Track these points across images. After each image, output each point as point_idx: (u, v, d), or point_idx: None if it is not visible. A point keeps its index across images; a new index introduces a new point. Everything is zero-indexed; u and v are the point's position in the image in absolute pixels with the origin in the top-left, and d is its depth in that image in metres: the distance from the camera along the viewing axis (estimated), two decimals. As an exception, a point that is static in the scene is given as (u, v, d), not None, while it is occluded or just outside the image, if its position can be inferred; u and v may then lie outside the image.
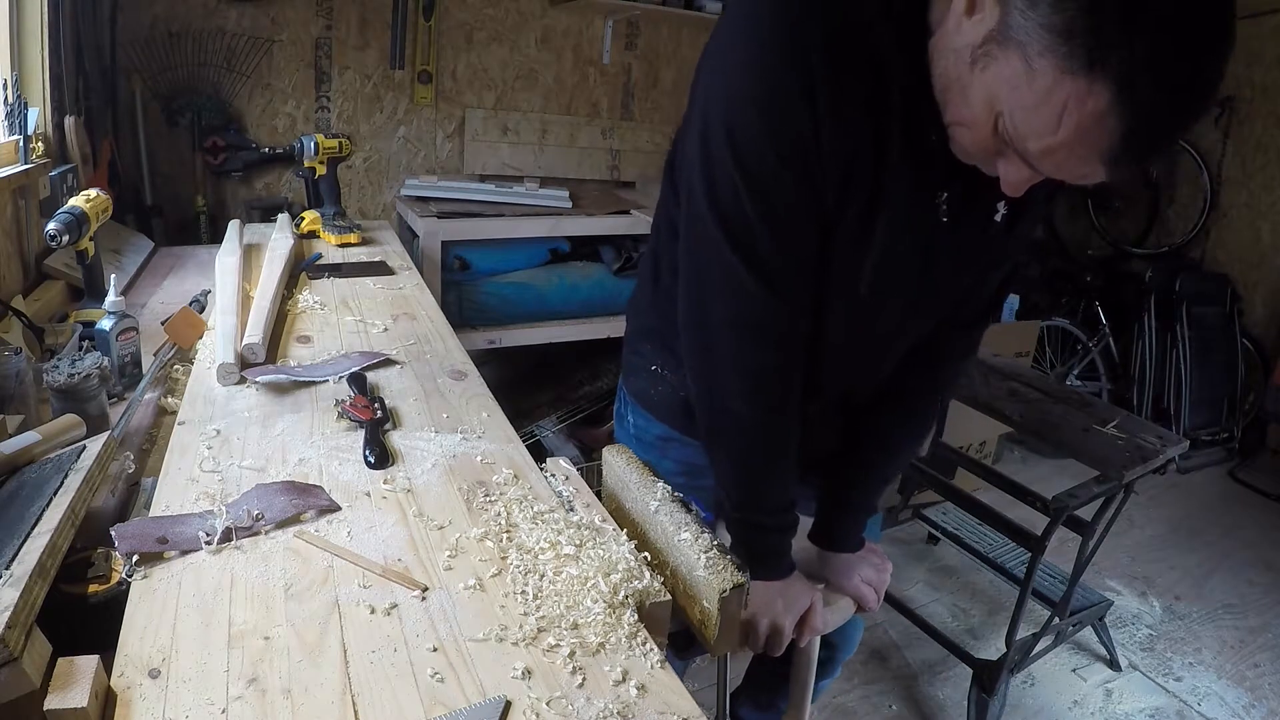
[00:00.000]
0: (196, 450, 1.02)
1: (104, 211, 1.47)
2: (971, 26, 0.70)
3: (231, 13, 2.58)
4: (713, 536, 0.88)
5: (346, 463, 1.02)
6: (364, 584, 0.79)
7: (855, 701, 2.08)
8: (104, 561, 0.81)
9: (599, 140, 3.30)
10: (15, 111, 1.62)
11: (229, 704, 0.64)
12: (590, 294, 2.76)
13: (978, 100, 0.71)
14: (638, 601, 0.80)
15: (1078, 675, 2.22)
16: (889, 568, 1.13)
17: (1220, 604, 2.60)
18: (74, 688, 0.61)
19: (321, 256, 1.92)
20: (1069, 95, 0.64)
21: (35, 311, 1.45)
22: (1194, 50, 0.62)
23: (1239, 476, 3.45)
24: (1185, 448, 1.96)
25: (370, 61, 2.83)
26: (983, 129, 0.73)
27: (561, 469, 1.04)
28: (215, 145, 2.62)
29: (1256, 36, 3.49)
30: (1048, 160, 0.70)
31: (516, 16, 3.02)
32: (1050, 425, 1.96)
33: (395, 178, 2.99)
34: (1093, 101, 0.63)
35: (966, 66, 0.71)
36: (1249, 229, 3.65)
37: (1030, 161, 0.71)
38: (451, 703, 0.66)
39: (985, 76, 0.70)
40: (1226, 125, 3.62)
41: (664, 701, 0.69)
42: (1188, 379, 3.51)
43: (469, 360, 1.39)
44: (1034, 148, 0.69)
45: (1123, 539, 2.85)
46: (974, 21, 0.70)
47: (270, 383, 1.20)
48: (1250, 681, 2.25)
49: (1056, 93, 0.64)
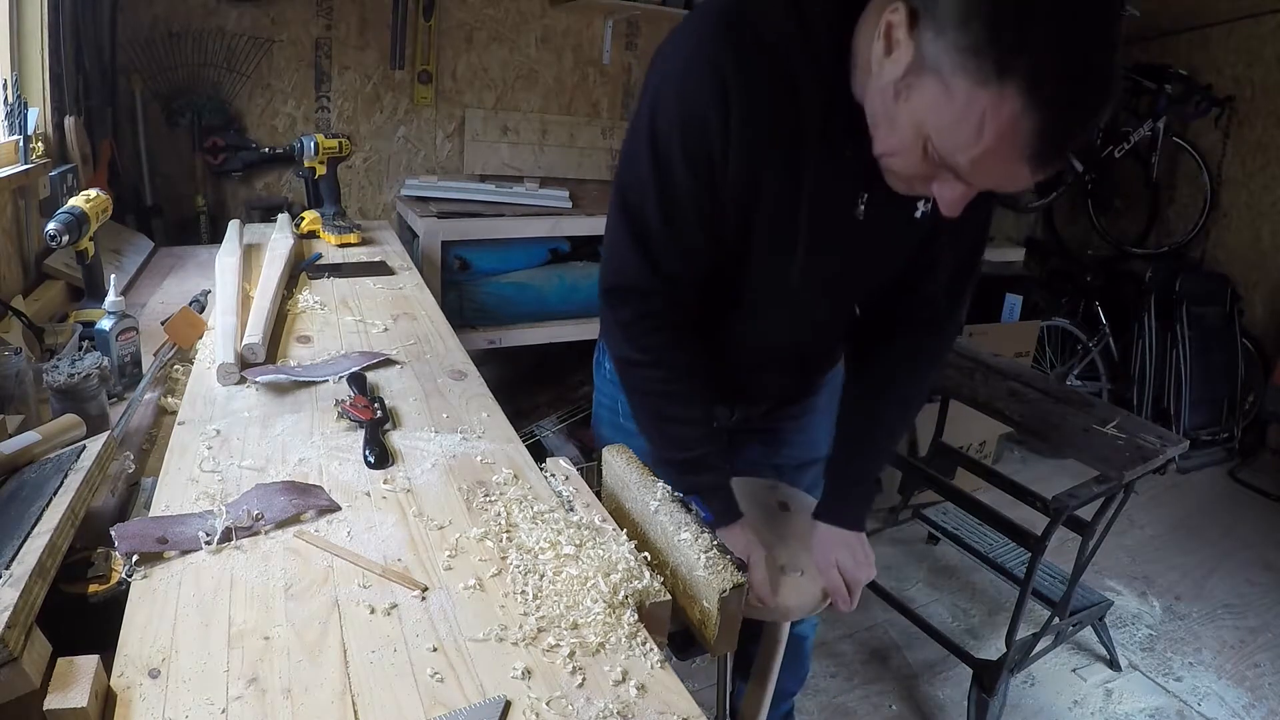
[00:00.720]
0: (196, 450, 1.02)
1: (104, 211, 1.47)
2: (891, 64, 0.78)
3: (231, 13, 2.58)
4: (713, 536, 0.88)
5: (346, 463, 1.02)
6: (364, 584, 0.80)
7: (855, 701, 2.08)
8: (104, 561, 0.81)
9: (599, 140, 3.30)
10: (15, 111, 1.62)
11: (229, 704, 0.64)
12: (590, 294, 2.75)
13: (905, 128, 0.80)
14: (638, 601, 0.80)
15: (1078, 675, 2.22)
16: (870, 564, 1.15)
17: (1220, 604, 2.59)
18: (74, 688, 0.61)
19: (321, 256, 1.92)
20: (985, 105, 0.72)
21: (35, 311, 1.45)
22: (1087, 45, 0.70)
23: (1239, 476, 3.45)
24: (1185, 448, 1.96)
25: (370, 61, 2.83)
26: (913, 154, 0.81)
27: (561, 469, 1.04)
28: (215, 145, 2.62)
29: (1256, 36, 3.49)
30: (978, 171, 0.78)
31: (516, 16, 3.02)
32: (1050, 425, 1.96)
33: (395, 178, 2.99)
34: (1007, 106, 0.71)
35: (891, 101, 0.80)
36: (1249, 229, 3.65)
37: (962, 175, 0.79)
38: (451, 703, 0.66)
39: (909, 105, 0.78)
40: (1226, 125, 3.62)
41: (664, 701, 0.69)
42: (1188, 379, 3.51)
43: (469, 360, 1.39)
44: (963, 160, 0.77)
45: (1123, 539, 2.85)
46: (892, 60, 0.78)
47: (270, 383, 1.20)
48: (1250, 681, 2.25)
49: (974, 105, 0.72)
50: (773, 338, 1.17)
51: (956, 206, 0.84)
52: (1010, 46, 0.69)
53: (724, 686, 1.18)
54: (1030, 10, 0.69)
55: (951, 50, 0.72)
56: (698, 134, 0.92)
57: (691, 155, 0.93)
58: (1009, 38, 0.69)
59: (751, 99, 0.89)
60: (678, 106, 0.92)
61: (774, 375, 1.27)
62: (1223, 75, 3.63)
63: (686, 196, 0.96)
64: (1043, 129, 0.71)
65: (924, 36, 0.74)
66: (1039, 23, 0.69)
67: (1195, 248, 3.81)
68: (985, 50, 0.70)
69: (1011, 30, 0.69)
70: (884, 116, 0.83)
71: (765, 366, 1.23)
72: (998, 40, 0.69)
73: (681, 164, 0.94)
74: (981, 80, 0.71)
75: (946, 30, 0.72)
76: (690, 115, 0.91)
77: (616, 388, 1.25)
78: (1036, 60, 0.69)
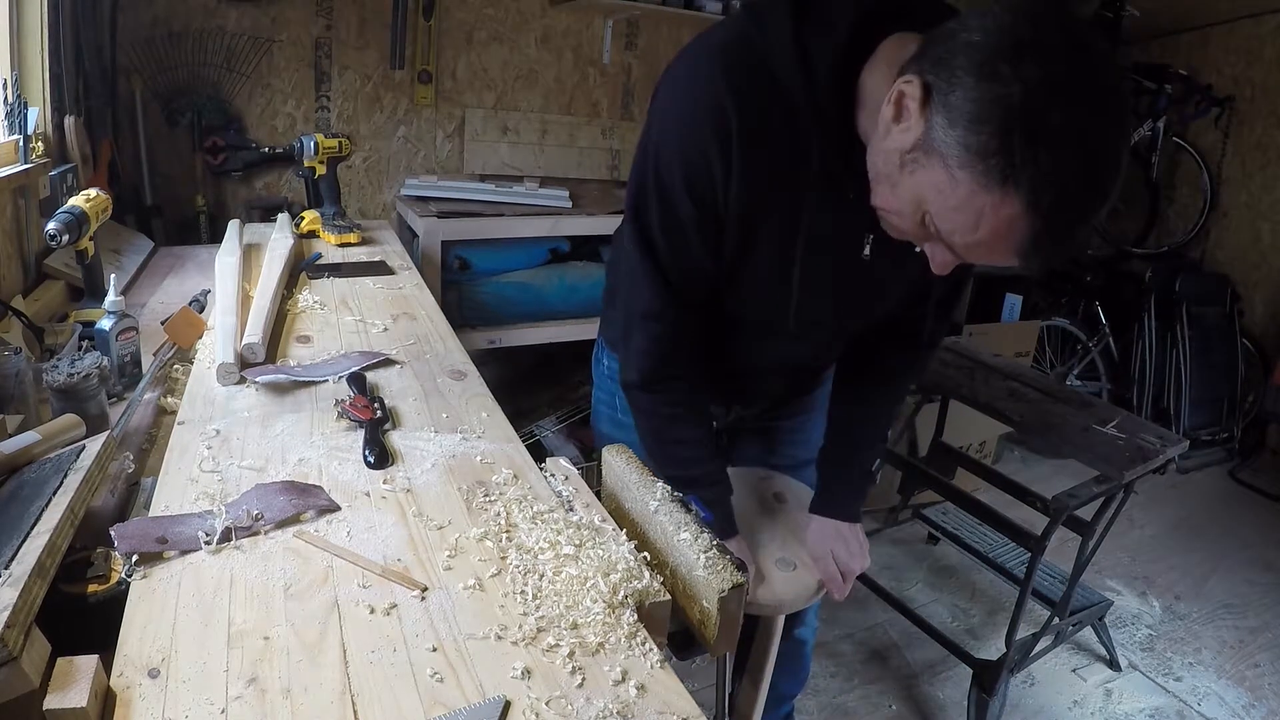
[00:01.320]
0: (196, 450, 1.02)
1: (104, 211, 1.47)
2: (899, 133, 0.79)
3: (231, 13, 2.58)
4: (712, 536, 0.88)
5: (346, 463, 1.02)
6: (364, 584, 0.80)
7: (855, 701, 2.08)
8: (103, 561, 0.81)
9: (599, 140, 3.30)
10: (15, 111, 1.62)
11: (228, 704, 0.64)
12: (590, 294, 2.75)
13: (906, 198, 0.81)
14: (637, 601, 0.80)
15: (1078, 675, 2.22)
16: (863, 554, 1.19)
17: (1220, 604, 2.59)
18: (73, 688, 0.61)
19: (321, 256, 1.92)
20: (986, 204, 0.74)
21: (35, 311, 1.45)
22: (1093, 165, 0.72)
23: (1239, 476, 3.45)
24: (1185, 448, 1.96)
25: (370, 61, 2.83)
26: (910, 220, 0.83)
27: (561, 469, 1.04)
28: (215, 145, 2.62)
29: (1256, 36, 3.49)
30: (970, 252, 0.80)
31: (516, 16, 3.02)
32: (1050, 425, 1.96)
33: (395, 178, 2.99)
34: (1006, 210, 0.73)
35: (896, 167, 0.81)
36: (1249, 229, 3.65)
37: (956, 252, 0.82)
38: (451, 702, 0.66)
39: (913, 179, 0.79)
40: (1226, 125, 3.62)
41: (663, 701, 0.69)
42: (1188, 379, 3.51)
43: (469, 360, 1.39)
44: (958, 242, 0.80)
45: (1123, 539, 2.85)
46: (901, 129, 0.79)
47: (270, 383, 1.20)
48: (1250, 681, 2.25)
49: (975, 201, 0.74)
50: (771, 357, 1.20)
51: (946, 268, 0.86)
52: (1018, 159, 0.70)
53: (723, 686, 1.18)
54: (1043, 127, 0.69)
55: (960, 146, 0.73)
56: (699, 167, 0.93)
57: (693, 186, 0.95)
58: (1018, 150, 0.70)
59: (752, 136, 0.90)
60: (679, 140, 0.94)
61: (771, 383, 1.30)
62: (1223, 75, 3.63)
63: (690, 223, 0.98)
64: (1038, 234, 0.74)
65: (935, 120, 0.75)
66: (1049, 141, 0.69)
67: (1195, 248, 3.81)
68: (993, 157, 0.71)
69: (1022, 144, 0.70)
70: (886, 177, 0.83)
71: (762, 376, 1.26)
72: (1007, 150, 0.70)
73: (684, 195, 0.96)
74: (985, 184, 0.72)
75: (958, 124, 0.73)
76: (692, 149, 0.93)
77: (615, 384, 1.26)
78: (1042, 176, 0.70)
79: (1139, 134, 3.64)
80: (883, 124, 0.81)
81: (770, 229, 0.98)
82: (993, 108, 0.70)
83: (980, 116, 0.71)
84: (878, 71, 0.85)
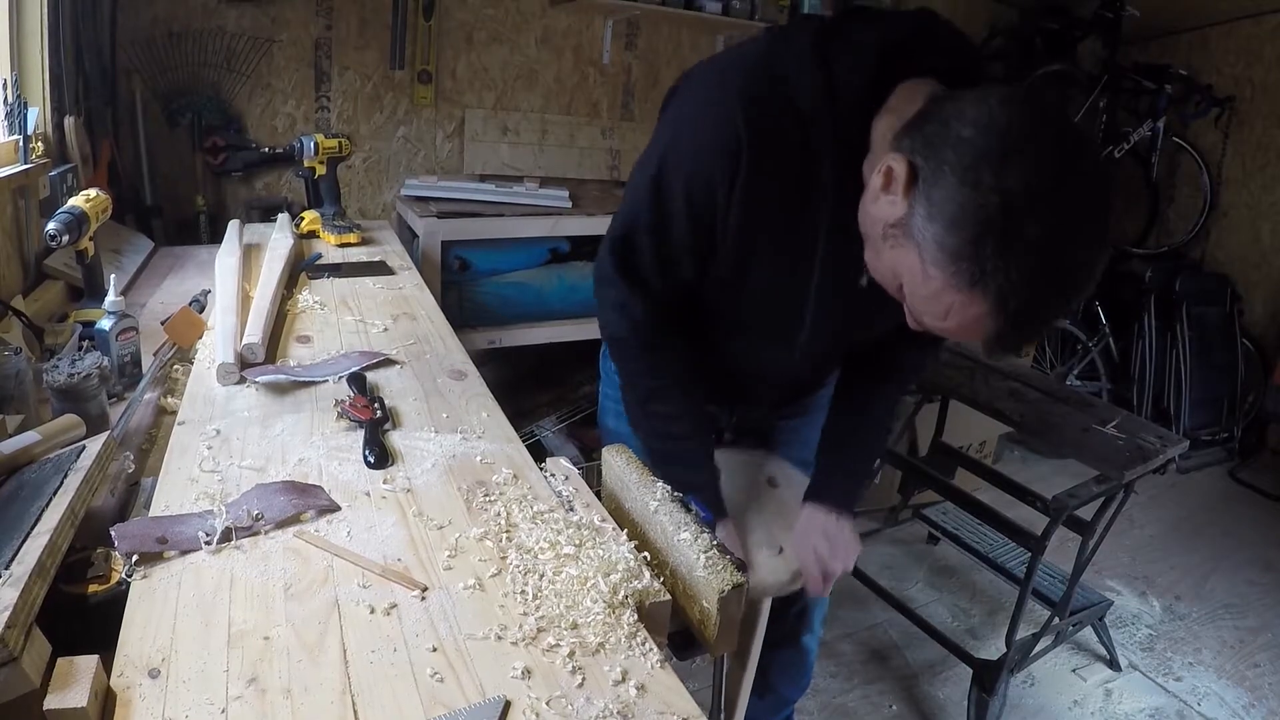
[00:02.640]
0: (196, 450, 1.02)
1: (104, 211, 1.47)
2: (886, 204, 0.80)
3: (231, 13, 2.58)
4: (712, 536, 0.88)
5: (346, 463, 1.02)
6: (364, 584, 0.80)
7: (855, 701, 2.08)
8: (104, 561, 0.81)
9: (599, 140, 3.30)
10: (15, 111, 1.62)
11: (229, 704, 0.64)
12: (590, 294, 2.74)
13: (885, 264, 0.84)
14: (637, 601, 0.80)
15: (1078, 675, 2.22)
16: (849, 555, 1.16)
17: (1220, 604, 2.59)
18: (74, 688, 0.61)
19: (321, 256, 1.92)
20: (954, 301, 0.77)
21: (35, 311, 1.45)
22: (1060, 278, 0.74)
23: (1239, 476, 3.45)
24: (1185, 448, 1.96)
25: (370, 61, 2.83)
26: (889, 285, 0.86)
27: (561, 469, 1.04)
28: (215, 145, 2.62)
29: (1256, 36, 3.49)
30: (939, 332, 0.83)
31: (516, 16, 3.02)
32: (1050, 425, 1.96)
33: (395, 178, 2.98)
34: (973, 309, 0.76)
35: (879, 236, 0.83)
36: (1249, 229, 3.65)
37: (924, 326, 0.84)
38: (451, 702, 0.66)
39: (892, 254, 0.82)
40: (1226, 125, 3.62)
41: (664, 701, 0.69)
42: (1188, 379, 3.51)
43: (469, 360, 1.39)
44: (927, 323, 0.83)
45: (1123, 539, 2.85)
46: (887, 200, 0.80)
47: (270, 383, 1.20)
48: (1250, 681, 2.25)
49: (944, 297, 0.77)
50: (770, 370, 1.22)
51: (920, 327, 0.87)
52: (989, 267, 0.72)
53: (720, 686, 1.18)
54: (1017, 239, 0.71)
55: (935, 244, 0.75)
56: (702, 187, 0.94)
57: (694, 205, 0.95)
58: (990, 259, 0.72)
59: (762, 164, 0.90)
60: (688, 156, 0.94)
61: (772, 389, 1.30)
62: (1223, 75, 3.63)
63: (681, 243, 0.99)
64: (1003, 332, 0.77)
65: (917, 209, 0.76)
66: (1021, 252, 0.71)
67: (1195, 248, 3.81)
68: (965, 261, 0.73)
69: (994, 253, 0.72)
70: (870, 238, 0.86)
71: (763, 382, 1.27)
72: (980, 258, 0.72)
73: (683, 213, 0.96)
74: (955, 284, 0.75)
75: (936, 220, 0.74)
76: (699, 167, 0.93)
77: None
78: (1010, 285, 0.72)
79: (1139, 134, 3.65)
80: (871, 189, 0.83)
81: (774, 255, 0.98)
82: (971, 215, 0.72)
83: (958, 221, 0.73)
84: (884, 121, 0.86)
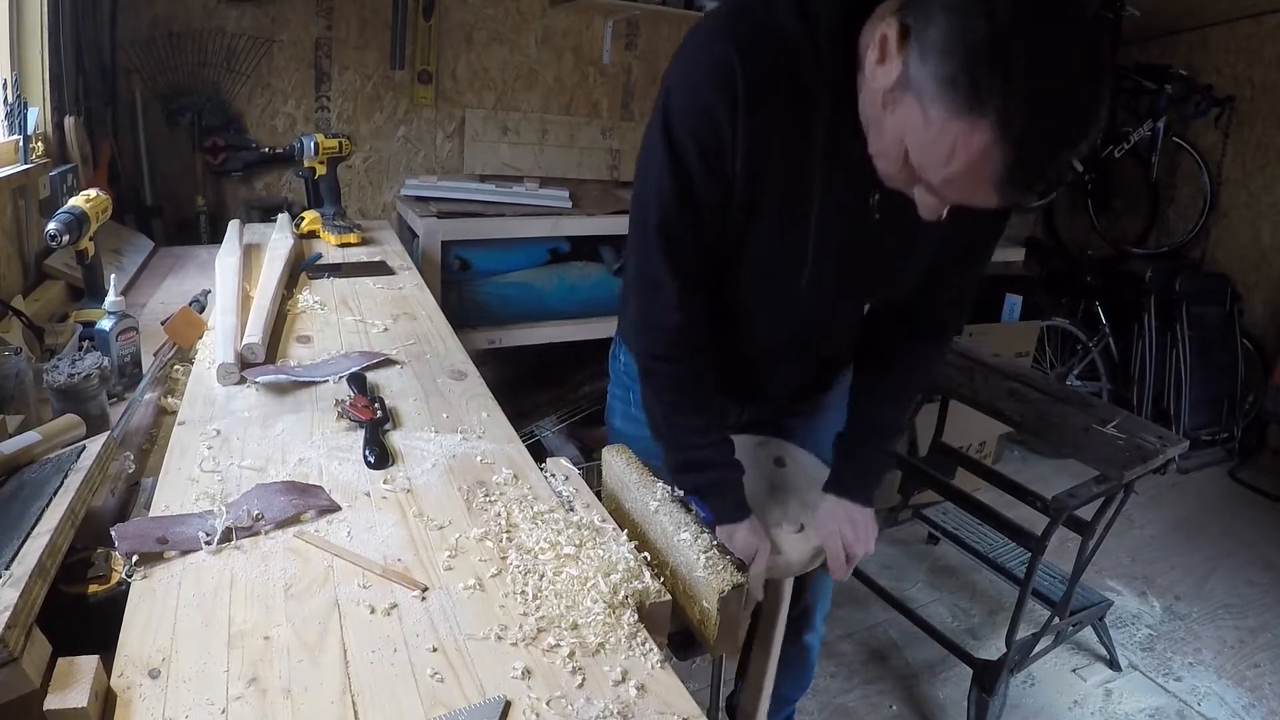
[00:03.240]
0: (196, 450, 1.02)
1: (104, 211, 1.47)
2: (883, 73, 0.82)
3: (231, 13, 2.58)
4: (712, 537, 0.88)
5: (346, 463, 1.02)
6: (364, 584, 0.80)
7: (855, 701, 2.08)
8: (104, 561, 0.81)
9: (599, 140, 3.30)
10: (15, 111, 1.62)
11: (229, 704, 0.64)
12: (590, 294, 2.75)
13: (889, 136, 0.84)
14: (637, 601, 0.80)
15: (1078, 675, 2.22)
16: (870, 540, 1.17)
17: (1220, 604, 2.59)
18: (74, 688, 0.61)
19: (321, 256, 1.92)
20: (957, 135, 0.76)
21: (35, 311, 1.45)
22: (1062, 88, 0.73)
23: (1239, 476, 3.45)
24: (1185, 448, 1.96)
25: (370, 61, 2.83)
26: (895, 161, 0.85)
27: (561, 469, 1.04)
28: (215, 145, 2.62)
29: (1256, 36, 3.49)
30: (948, 188, 0.82)
31: (516, 16, 3.02)
32: (1050, 425, 1.96)
33: (395, 178, 2.98)
34: (977, 139, 0.75)
35: (879, 107, 0.84)
36: (1249, 229, 3.65)
37: (933, 191, 0.84)
38: (451, 703, 0.66)
39: (894, 118, 0.83)
40: (1226, 125, 3.62)
41: (664, 701, 0.69)
42: (1188, 379, 3.50)
43: (469, 360, 1.39)
44: (934, 178, 0.82)
45: (1123, 539, 2.85)
46: (884, 69, 0.82)
47: (270, 383, 1.20)
48: (1250, 681, 2.25)
49: (946, 133, 0.76)
50: (786, 337, 1.19)
51: (933, 213, 0.87)
52: (984, 84, 0.72)
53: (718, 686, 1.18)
54: (1009, 55, 0.71)
55: (931, 79, 0.76)
56: (708, 125, 0.94)
57: (703, 146, 0.96)
58: (984, 76, 0.72)
59: (759, 91, 0.91)
60: (688, 100, 0.95)
61: (786, 372, 1.28)
62: (1223, 75, 3.63)
63: (701, 187, 0.99)
64: (1011, 162, 0.75)
65: (911, 57, 0.78)
66: (1015, 68, 0.71)
67: (1195, 248, 3.81)
68: (961, 84, 0.74)
69: (987, 69, 0.72)
70: (874, 119, 0.87)
71: (778, 364, 1.25)
72: (973, 77, 0.73)
73: (695, 156, 0.96)
74: (954, 112, 0.75)
75: (930, 57, 0.76)
76: (700, 107, 0.94)
77: (631, 380, 1.26)
78: (1008, 101, 0.72)
79: (1139, 134, 3.64)
80: (869, 68, 0.84)
81: (779, 189, 0.98)
82: (961, 40, 0.73)
83: (949, 49, 0.74)
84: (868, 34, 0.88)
